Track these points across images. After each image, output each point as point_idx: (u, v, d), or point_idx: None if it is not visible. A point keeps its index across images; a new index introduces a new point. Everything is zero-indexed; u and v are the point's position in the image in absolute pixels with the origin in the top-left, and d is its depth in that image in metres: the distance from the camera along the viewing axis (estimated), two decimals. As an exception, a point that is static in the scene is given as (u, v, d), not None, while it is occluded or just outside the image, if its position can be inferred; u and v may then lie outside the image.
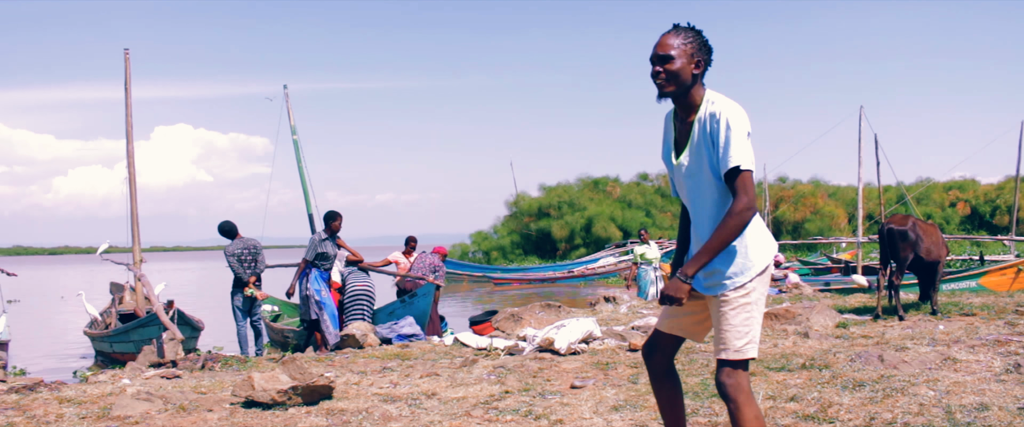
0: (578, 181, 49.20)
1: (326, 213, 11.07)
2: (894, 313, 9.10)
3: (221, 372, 8.30)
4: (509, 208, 47.61)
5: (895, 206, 33.95)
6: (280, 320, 14.67)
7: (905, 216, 9.60)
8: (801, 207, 44.81)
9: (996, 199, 47.76)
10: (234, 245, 10.92)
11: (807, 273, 22.47)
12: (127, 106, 13.27)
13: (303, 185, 13.65)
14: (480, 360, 7.68)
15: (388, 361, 8.34)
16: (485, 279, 32.22)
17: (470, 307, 21.30)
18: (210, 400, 6.07)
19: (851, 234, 42.54)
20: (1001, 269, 16.58)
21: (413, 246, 13.67)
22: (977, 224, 46.96)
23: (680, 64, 3.00)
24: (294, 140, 13.84)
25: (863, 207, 20.34)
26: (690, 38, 3.04)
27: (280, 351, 12.50)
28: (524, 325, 10.02)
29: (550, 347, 7.70)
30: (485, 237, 46.93)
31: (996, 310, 9.05)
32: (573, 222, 43.68)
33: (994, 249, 29.89)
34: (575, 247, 43.24)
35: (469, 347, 8.93)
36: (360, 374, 7.21)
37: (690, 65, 3.02)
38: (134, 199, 13.27)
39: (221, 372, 8.30)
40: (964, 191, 49.26)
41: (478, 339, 9.19)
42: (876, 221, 31.34)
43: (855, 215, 44.81)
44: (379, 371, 7.36)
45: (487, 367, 7.03)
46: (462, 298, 25.01)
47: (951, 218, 46.03)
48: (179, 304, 12.59)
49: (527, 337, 8.30)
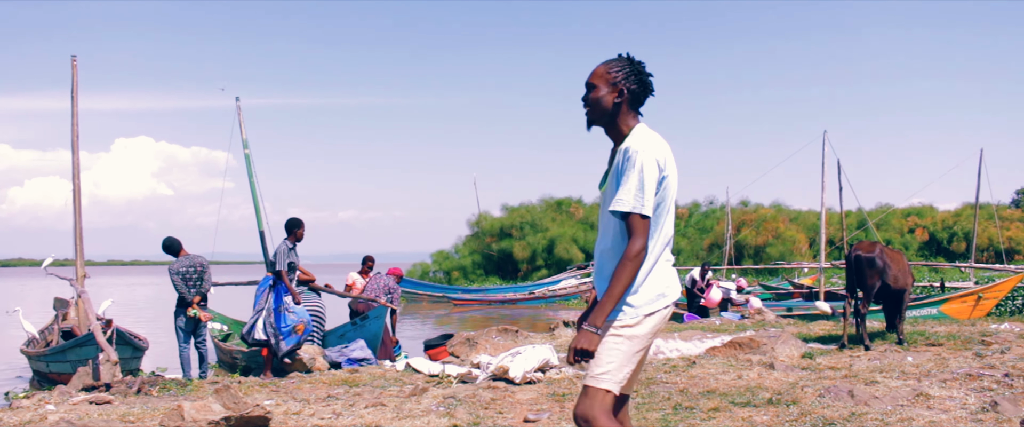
0: (541, 202, 48.88)
1: (289, 220, 10.07)
2: (860, 342, 8.86)
3: (157, 397, 7.83)
4: (471, 228, 47.15)
5: (856, 232, 34.08)
6: (230, 340, 14.14)
7: (872, 243, 9.37)
8: (763, 231, 44.87)
9: (953, 225, 48.28)
10: (179, 262, 10.40)
11: (768, 298, 22.31)
12: (73, 114, 12.73)
13: (255, 200, 13.18)
14: (431, 388, 7.30)
15: (335, 387, 7.93)
16: (445, 299, 31.71)
17: (428, 328, 20.84)
18: (136, 431, 5.63)
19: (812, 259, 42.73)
20: (962, 296, 16.53)
21: (370, 266, 13.25)
22: (935, 250, 47.40)
23: (601, 93, 2.99)
24: (246, 154, 13.38)
25: (825, 232, 20.22)
26: (617, 68, 3.00)
27: (228, 373, 12.01)
28: (479, 350, 9.66)
29: (505, 376, 7.34)
30: (446, 257, 46.42)
31: (962, 340, 8.85)
32: (535, 243, 43.34)
33: (951, 275, 30.02)
34: (537, 268, 42.88)
35: (421, 373, 8.55)
36: (302, 402, 6.79)
37: (611, 95, 2.98)
38: (78, 212, 12.71)
39: (157, 397, 7.83)
40: (922, 217, 49.71)
41: (430, 365, 8.82)
42: (837, 246, 31.41)
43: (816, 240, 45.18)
44: (323, 399, 6.94)
45: (437, 397, 6.64)
46: (421, 319, 24.53)
47: (910, 244, 46.37)
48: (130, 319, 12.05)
49: (481, 364, 7.93)
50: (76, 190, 12.65)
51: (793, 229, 45.84)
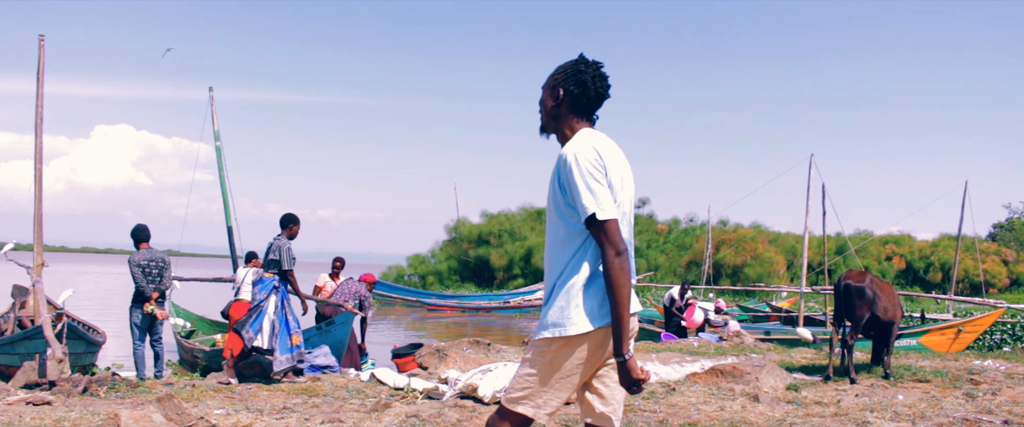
0: (520, 210, 48.45)
1: (285, 215, 9.23)
2: (845, 374, 8.50)
3: (103, 399, 7.35)
4: (449, 233, 46.69)
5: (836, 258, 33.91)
6: (194, 337, 13.63)
7: (862, 272, 9.01)
8: (741, 251, 44.70)
9: (930, 255, 48.34)
10: (140, 254, 9.89)
11: (746, 319, 22.01)
12: (38, 96, 12.18)
13: (223, 195, 12.72)
14: (394, 404, 6.86)
15: (293, 397, 7.48)
16: (419, 304, 31.27)
17: (400, 332, 20.38)
18: (69, 439, 5.17)
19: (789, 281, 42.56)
20: (942, 329, 16.27)
21: (340, 267, 12.75)
22: (911, 279, 47.42)
23: (544, 96, 2.92)
24: (217, 147, 12.90)
25: (807, 256, 19.92)
26: (560, 70, 2.88)
27: (188, 371, 11.50)
28: (449, 364, 9.23)
29: (473, 394, 6.92)
30: (422, 261, 45.96)
31: (950, 377, 8.50)
32: (513, 251, 42.95)
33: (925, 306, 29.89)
34: (513, 277, 42.48)
35: (385, 385, 8.12)
36: (255, 413, 6.33)
37: (550, 98, 2.88)
38: (39, 197, 12.12)
39: (103, 399, 7.35)
40: (900, 245, 49.74)
41: (396, 377, 8.38)
42: (816, 270, 31.18)
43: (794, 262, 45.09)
44: (278, 411, 6.49)
45: (400, 415, 6.20)
46: (393, 322, 24.06)
47: (887, 272, 46.32)
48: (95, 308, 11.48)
49: (449, 380, 7.50)
50: (37, 174, 12.09)
51: (772, 250, 45.71)
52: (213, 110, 13.19)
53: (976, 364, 10.17)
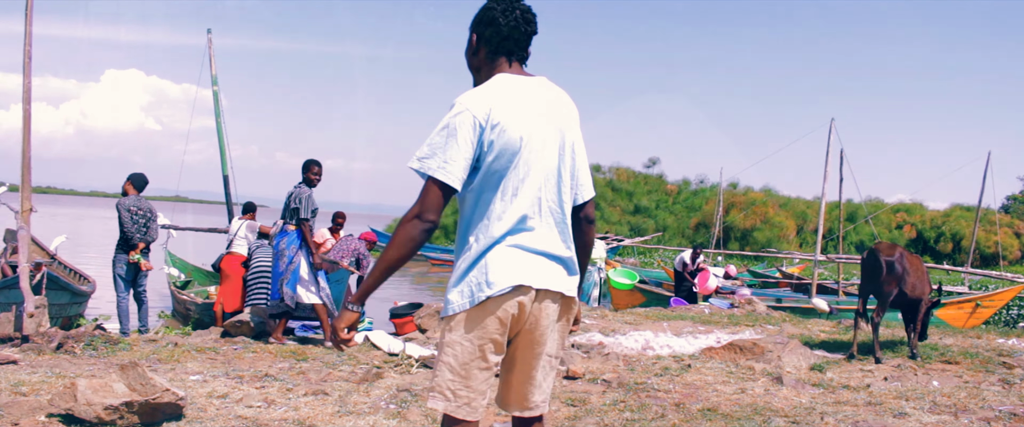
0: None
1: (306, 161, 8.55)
2: (870, 352, 7.96)
3: (80, 357, 6.87)
4: (456, 186, 46.17)
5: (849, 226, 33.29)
6: (189, 288, 13.18)
7: (892, 245, 8.43)
8: (751, 215, 44.13)
9: (942, 225, 47.69)
10: (130, 199, 9.38)
11: (755, 284, 21.51)
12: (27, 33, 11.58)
13: (220, 142, 12.14)
14: (387, 372, 6.37)
15: (280, 360, 6.99)
16: (423, 259, 30.78)
17: (403, 289, 19.90)
18: (24, 407, 4.66)
19: (798, 246, 42.02)
20: (959, 303, 15.79)
21: (341, 223, 12.19)
22: (921, 248, 46.81)
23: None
24: (214, 91, 12.30)
25: (823, 223, 19.34)
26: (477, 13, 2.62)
27: (180, 324, 11.07)
28: (449, 328, 8.71)
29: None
30: (428, 214, 45.50)
31: (980, 360, 7.95)
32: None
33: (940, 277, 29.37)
34: (522, 231, 42.02)
35: (379, 350, 7.63)
36: (235, 380, 5.84)
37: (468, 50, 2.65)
38: (27, 140, 11.52)
39: (80, 357, 6.87)
40: (911, 214, 49.11)
41: (391, 341, 7.89)
42: (828, 239, 30.59)
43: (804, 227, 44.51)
44: (260, 378, 5.98)
45: (390, 388, 5.69)
46: (396, 278, 23.59)
47: (897, 240, 45.74)
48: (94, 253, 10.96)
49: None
50: (25, 116, 11.53)
51: (782, 215, 45.14)
52: (211, 53, 12.58)
53: (1000, 342, 9.63)
